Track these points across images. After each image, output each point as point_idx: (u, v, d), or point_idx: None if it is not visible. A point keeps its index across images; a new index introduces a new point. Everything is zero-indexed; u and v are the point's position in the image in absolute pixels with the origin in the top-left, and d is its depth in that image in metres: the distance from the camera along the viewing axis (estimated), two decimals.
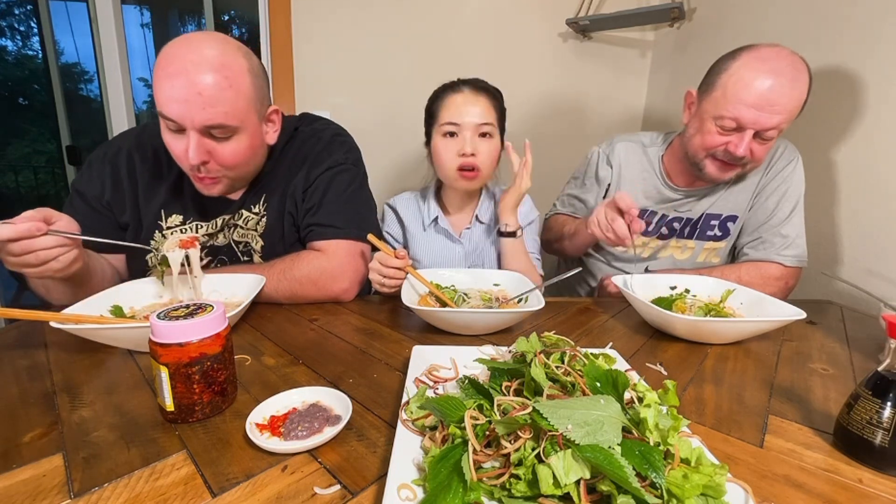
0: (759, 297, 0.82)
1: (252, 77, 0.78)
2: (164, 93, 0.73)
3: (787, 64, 0.88)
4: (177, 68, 0.72)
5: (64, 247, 0.69)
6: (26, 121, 3.87)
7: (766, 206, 1.06)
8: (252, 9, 1.73)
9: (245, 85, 0.77)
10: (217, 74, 0.73)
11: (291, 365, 0.63)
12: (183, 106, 0.72)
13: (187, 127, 0.74)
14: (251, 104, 0.79)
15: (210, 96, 0.73)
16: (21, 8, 3.83)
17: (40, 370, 0.60)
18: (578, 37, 1.87)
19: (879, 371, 0.45)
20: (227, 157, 0.80)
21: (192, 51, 0.73)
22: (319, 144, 0.95)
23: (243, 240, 0.94)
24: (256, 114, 0.81)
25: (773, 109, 0.88)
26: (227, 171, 0.83)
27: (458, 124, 0.99)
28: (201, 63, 0.72)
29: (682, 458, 0.36)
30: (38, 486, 0.39)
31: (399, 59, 1.75)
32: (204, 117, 0.74)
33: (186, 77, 0.71)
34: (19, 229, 0.64)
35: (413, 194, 1.17)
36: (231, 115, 0.76)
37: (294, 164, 0.94)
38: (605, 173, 1.18)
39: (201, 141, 0.76)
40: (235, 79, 0.75)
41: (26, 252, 0.66)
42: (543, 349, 0.50)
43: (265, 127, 0.87)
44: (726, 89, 0.92)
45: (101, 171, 0.90)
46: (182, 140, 0.76)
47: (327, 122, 1.02)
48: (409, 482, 0.37)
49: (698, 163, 1.01)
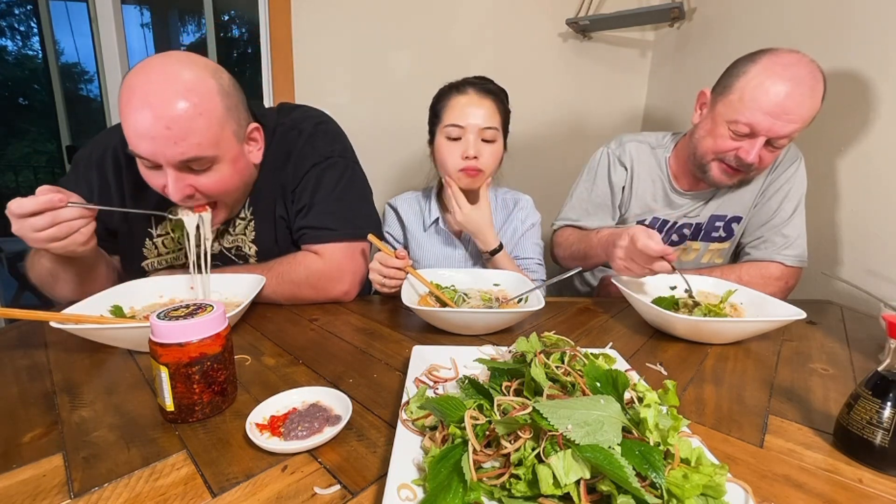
0: (760, 297, 0.82)
1: (223, 98, 0.72)
2: (130, 129, 0.67)
3: (807, 72, 0.87)
4: (140, 101, 0.66)
5: (84, 218, 0.69)
6: (26, 121, 3.87)
7: (769, 206, 1.06)
8: (252, 9, 1.73)
9: (216, 109, 0.70)
10: (184, 102, 0.66)
11: (291, 365, 0.63)
12: (152, 143, 0.67)
13: (161, 164, 0.70)
14: (226, 128, 0.73)
15: (180, 129, 0.67)
16: (21, 8, 3.84)
17: (40, 370, 0.60)
18: (578, 37, 1.87)
19: (879, 371, 0.45)
20: (210, 188, 0.75)
21: (154, 79, 0.66)
22: (301, 138, 0.89)
23: (234, 245, 0.91)
24: (234, 136, 0.76)
25: (789, 118, 0.87)
26: (217, 198, 0.79)
27: (462, 127, 0.98)
28: (165, 92, 0.66)
29: (682, 458, 0.36)
30: (38, 486, 0.39)
31: (399, 58, 1.75)
32: (176, 152, 0.68)
33: (151, 110, 0.65)
34: (41, 201, 0.64)
35: (414, 195, 1.17)
36: (205, 146, 0.70)
37: (276, 162, 0.88)
38: (618, 176, 1.13)
39: (180, 176, 0.71)
40: (205, 104, 0.68)
41: (52, 224, 0.65)
42: (543, 349, 0.50)
43: (247, 147, 0.81)
44: (744, 94, 0.89)
45: (88, 175, 0.86)
46: (160, 175, 0.72)
47: (306, 110, 0.96)
48: (409, 482, 0.37)
49: (704, 165, 1.00)
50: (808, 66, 0.88)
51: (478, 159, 0.99)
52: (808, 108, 0.87)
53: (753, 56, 0.92)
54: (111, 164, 0.86)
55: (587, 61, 1.91)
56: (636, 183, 1.13)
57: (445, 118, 1.00)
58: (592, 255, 1.04)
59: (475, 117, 0.98)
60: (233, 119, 0.74)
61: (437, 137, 1.03)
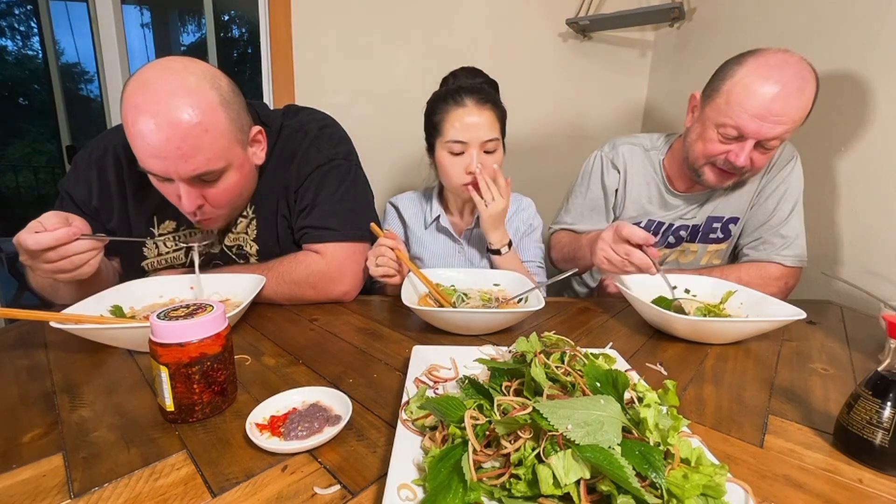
0: (760, 297, 0.82)
1: (225, 109, 0.73)
2: (140, 150, 0.69)
3: (793, 73, 0.86)
4: (145, 124, 0.66)
5: (94, 250, 0.71)
6: (26, 121, 3.87)
7: (765, 206, 1.06)
8: (252, 9, 1.73)
9: (221, 121, 0.72)
10: (190, 120, 0.67)
11: (291, 365, 0.63)
12: (163, 162, 0.69)
13: (174, 179, 0.72)
14: (232, 139, 0.75)
15: (189, 147, 0.68)
16: (21, 8, 3.84)
17: (40, 370, 0.60)
18: (578, 37, 1.87)
19: (879, 371, 0.45)
20: (220, 197, 0.78)
21: (156, 99, 0.67)
22: (306, 140, 0.90)
23: (235, 243, 0.92)
24: (240, 144, 0.78)
25: (777, 120, 0.86)
26: (223, 209, 0.81)
27: (464, 143, 0.97)
28: (170, 112, 0.67)
29: (682, 458, 0.36)
30: (38, 486, 0.39)
31: (399, 59, 1.75)
32: (188, 169, 0.70)
33: (159, 133, 0.66)
34: (58, 236, 0.65)
35: (416, 193, 1.17)
36: (215, 159, 0.72)
37: (281, 163, 0.89)
38: (611, 179, 1.14)
39: (191, 190, 0.74)
40: (209, 119, 0.70)
41: (62, 258, 0.66)
42: (543, 349, 0.50)
43: (251, 150, 0.83)
44: (730, 97, 0.89)
45: (88, 174, 0.86)
46: (173, 186, 0.73)
47: (312, 112, 0.97)
48: (409, 482, 0.37)
49: (697, 169, 1.00)
50: (796, 65, 0.86)
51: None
52: (797, 108, 0.86)
53: (740, 58, 0.92)
54: (111, 164, 0.86)
55: (587, 61, 1.91)
56: (630, 185, 1.14)
57: (446, 133, 0.98)
58: (581, 255, 1.04)
59: (477, 130, 0.96)
60: (236, 127, 0.76)
61: (439, 150, 1.01)
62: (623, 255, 0.83)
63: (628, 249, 0.82)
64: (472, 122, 0.96)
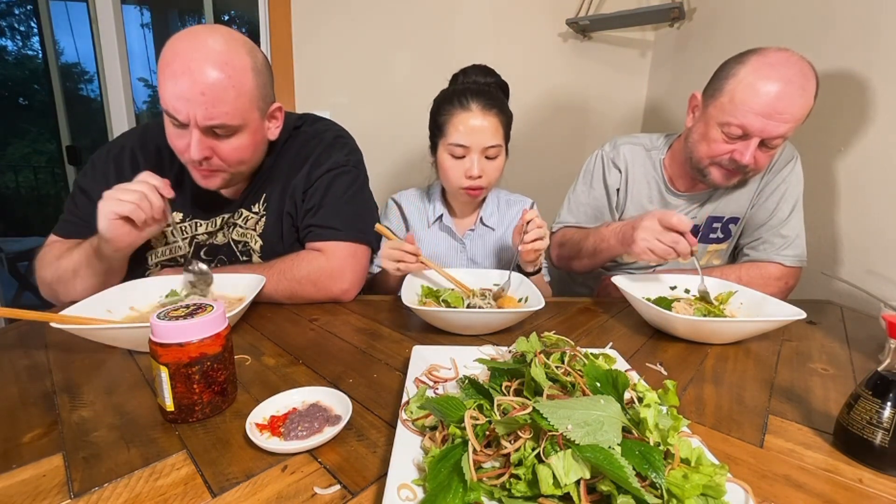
0: (760, 297, 0.82)
1: (255, 75, 0.79)
2: (167, 90, 0.73)
3: (796, 71, 0.86)
4: (180, 66, 0.72)
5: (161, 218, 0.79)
6: (26, 121, 3.87)
7: (766, 206, 1.06)
8: (252, 9, 1.73)
9: (248, 84, 0.77)
10: (220, 73, 0.73)
11: (291, 365, 0.63)
12: (186, 104, 0.73)
13: (190, 124, 0.75)
14: (253, 103, 0.80)
15: (213, 96, 0.73)
16: (21, 8, 3.84)
17: (40, 370, 0.60)
18: (578, 37, 1.87)
19: (879, 371, 0.45)
20: (228, 154, 0.81)
21: (196, 48, 0.73)
22: (321, 146, 0.95)
23: (242, 239, 0.93)
24: (259, 111, 0.82)
25: (781, 118, 0.86)
26: (227, 167, 0.83)
27: (467, 147, 0.97)
28: (205, 61, 0.72)
29: (682, 458, 0.36)
30: (38, 486, 0.39)
31: (399, 58, 1.75)
32: (206, 116, 0.74)
33: (190, 76, 0.72)
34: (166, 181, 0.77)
35: (418, 191, 1.17)
36: (232, 115, 0.77)
37: (295, 164, 0.93)
38: (613, 178, 1.14)
39: (203, 138, 0.77)
40: (238, 78, 0.75)
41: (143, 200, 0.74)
42: (543, 349, 0.50)
43: (268, 123, 0.87)
44: (734, 96, 0.89)
45: (106, 169, 0.90)
46: (185, 136, 0.77)
47: (329, 123, 1.02)
48: (409, 482, 0.37)
49: (702, 169, 1.00)
50: (798, 63, 0.87)
51: (481, 177, 0.98)
52: (800, 106, 0.87)
53: (742, 57, 0.92)
54: (128, 161, 0.91)
55: (587, 61, 1.91)
56: (631, 185, 1.14)
57: (449, 135, 0.98)
58: (603, 247, 1.02)
59: (479, 136, 0.96)
60: (260, 96, 0.81)
61: (440, 151, 1.01)
62: (670, 243, 0.83)
63: (676, 238, 0.82)
64: (476, 127, 0.96)
